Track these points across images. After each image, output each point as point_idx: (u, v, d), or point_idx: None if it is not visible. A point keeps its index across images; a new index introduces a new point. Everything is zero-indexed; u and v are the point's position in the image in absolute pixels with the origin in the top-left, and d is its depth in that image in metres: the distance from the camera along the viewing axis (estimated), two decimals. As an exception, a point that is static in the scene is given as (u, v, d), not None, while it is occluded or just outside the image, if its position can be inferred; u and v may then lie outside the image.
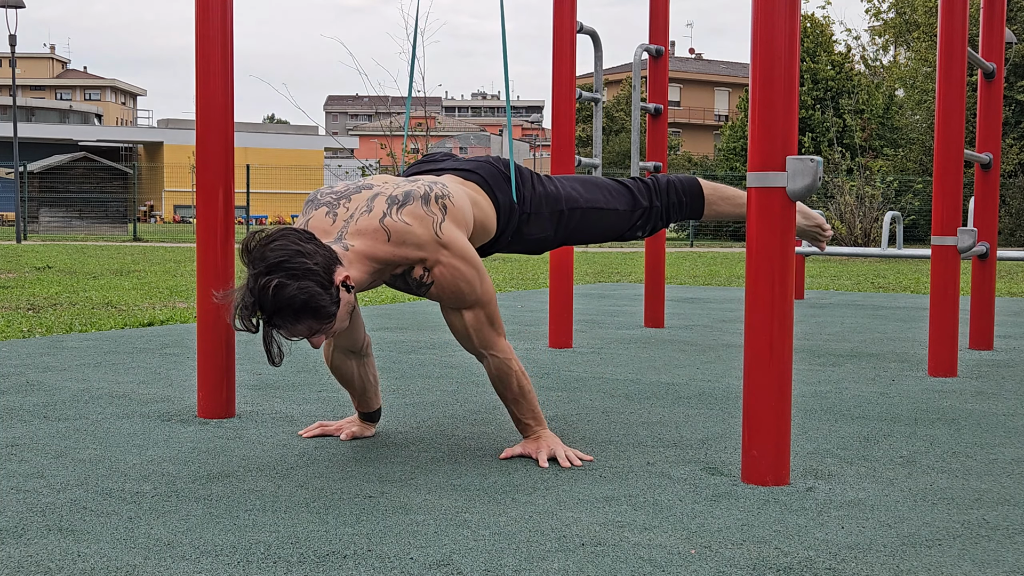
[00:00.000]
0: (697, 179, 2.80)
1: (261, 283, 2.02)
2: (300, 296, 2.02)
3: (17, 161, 22.07)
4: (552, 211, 2.60)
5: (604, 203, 2.67)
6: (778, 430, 2.20)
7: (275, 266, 2.02)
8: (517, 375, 2.41)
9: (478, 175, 2.54)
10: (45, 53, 77.89)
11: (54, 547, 1.78)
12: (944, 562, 1.73)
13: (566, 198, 2.62)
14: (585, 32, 4.74)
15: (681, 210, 2.75)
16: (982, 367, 4.07)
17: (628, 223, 2.70)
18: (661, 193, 2.73)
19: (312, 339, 2.12)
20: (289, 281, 2.01)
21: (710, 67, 55.92)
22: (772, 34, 2.16)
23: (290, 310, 2.03)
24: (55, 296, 7.26)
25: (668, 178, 2.77)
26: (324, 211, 2.32)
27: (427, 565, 1.70)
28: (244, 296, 2.04)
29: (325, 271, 2.07)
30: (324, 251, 2.11)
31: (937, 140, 3.90)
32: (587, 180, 2.72)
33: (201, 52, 2.91)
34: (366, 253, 2.21)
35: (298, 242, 2.07)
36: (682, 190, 2.75)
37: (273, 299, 2.01)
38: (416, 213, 2.25)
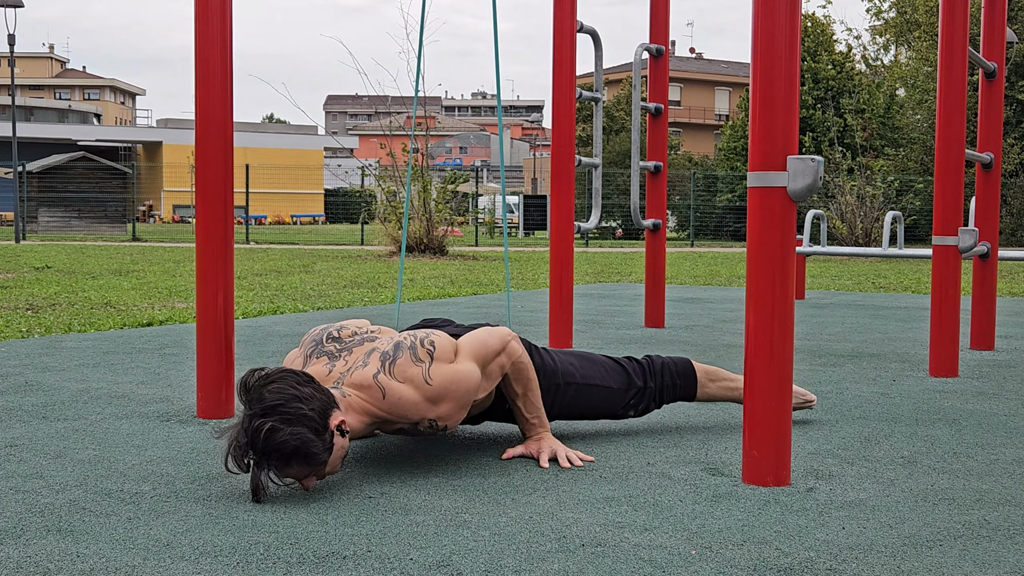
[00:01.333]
0: (691, 362, 2.82)
1: (255, 425, 2.01)
2: (292, 442, 2.01)
3: (16, 161, 22.07)
4: (548, 384, 2.60)
5: (599, 380, 2.68)
6: (778, 430, 2.20)
7: (271, 409, 2.02)
8: (527, 367, 2.43)
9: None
10: (44, 53, 77.91)
11: (53, 548, 1.78)
12: (945, 562, 1.73)
13: (563, 372, 2.63)
14: (585, 31, 4.73)
15: (675, 391, 2.77)
16: (983, 367, 4.06)
17: (622, 402, 2.71)
18: (656, 374, 2.76)
19: (302, 483, 2.11)
20: (283, 426, 2.01)
21: (710, 67, 55.94)
22: (773, 34, 2.16)
23: (281, 454, 2.02)
24: (54, 296, 7.26)
25: (663, 360, 2.80)
26: (325, 361, 2.34)
27: (427, 566, 1.70)
28: (238, 436, 2.04)
29: (320, 416, 2.07)
30: (321, 395, 2.11)
31: (938, 140, 3.90)
32: (584, 356, 2.74)
33: (200, 52, 2.91)
34: (363, 407, 2.22)
35: (296, 386, 2.07)
36: (676, 372, 2.78)
37: (264, 442, 2.00)
38: (407, 372, 2.22)
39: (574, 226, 4.68)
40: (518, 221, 30.49)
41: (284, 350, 4.30)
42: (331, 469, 2.14)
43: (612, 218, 28.10)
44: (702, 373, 2.80)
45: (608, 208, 27.40)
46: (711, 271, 11.96)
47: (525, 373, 2.43)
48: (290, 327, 5.25)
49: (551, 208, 4.63)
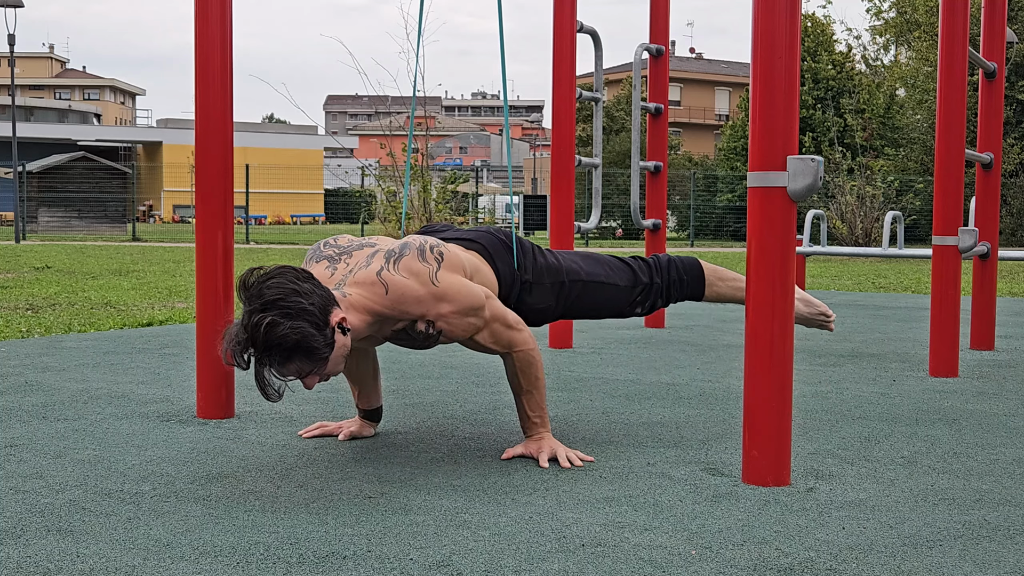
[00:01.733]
0: (698, 260, 2.80)
1: (254, 320, 2.00)
2: (292, 336, 2.00)
3: (16, 161, 22.07)
4: (553, 282, 2.60)
5: (605, 277, 2.68)
6: (778, 430, 2.20)
7: (270, 304, 2.01)
8: (538, 364, 2.43)
9: (479, 244, 2.54)
10: (44, 53, 77.91)
11: (53, 548, 1.78)
12: (945, 562, 1.73)
13: (567, 270, 2.63)
14: (585, 31, 4.73)
15: (682, 288, 2.75)
16: (983, 367, 4.06)
17: (628, 299, 2.70)
18: (662, 271, 2.74)
19: (304, 380, 2.10)
20: (282, 320, 2.00)
21: (710, 67, 55.93)
22: (772, 34, 2.16)
23: (281, 349, 2.01)
24: (54, 296, 7.26)
25: (669, 257, 2.79)
26: (325, 264, 2.34)
27: (427, 566, 1.70)
28: (238, 332, 2.02)
29: (321, 312, 2.06)
30: (321, 291, 2.09)
31: (938, 140, 3.90)
32: (588, 255, 2.73)
33: (200, 52, 2.91)
34: (364, 304, 2.21)
35: (295, 281, 2.06)
36: (683, 269, 2.76)
37: (265, 337, 1.99)
38: (412, 267, 2.24)
39: (574, 226, 4.68)
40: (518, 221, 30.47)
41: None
42: (332, 369, 2.12)
43: (612, 218, 28.10)
44: (710, 272, 2.78)
45: (608, 208, 27.40)
46: (711, 271, 11.96)
47: (533, 370, 2.42)
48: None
49: (551, 208, 4.63)
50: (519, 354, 2.40)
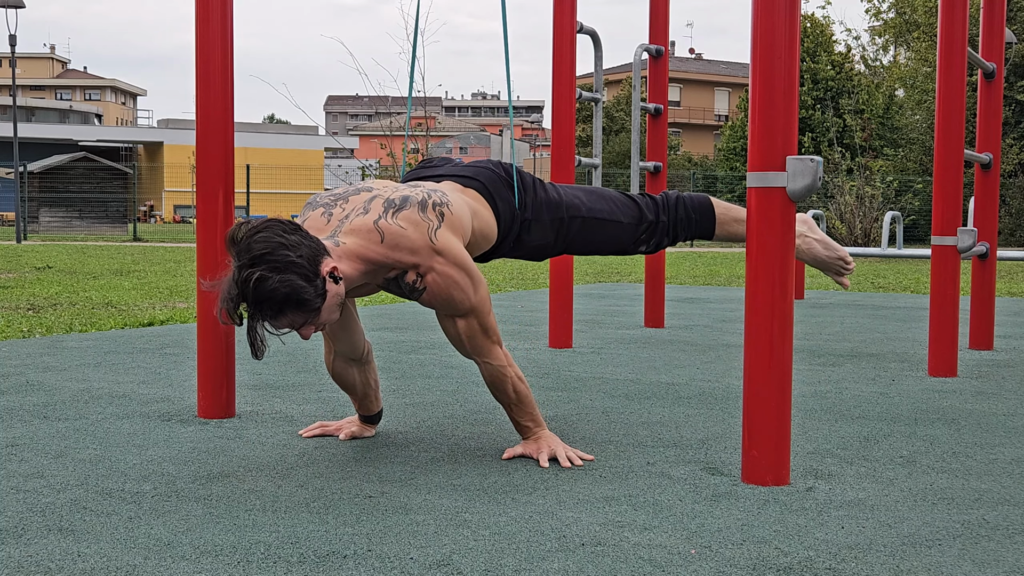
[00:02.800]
0: (709, 197, 2.75)
1: (244, 275, 2.00)
2: (282, 289, 2.00)
3: (17, 161, 22.08)
4: (553, 218, 2.58)
5: (607, 214, 2.63)
6: (778, 430, 2.20)
7: (258, 258, 2.01)
8: (512, 381, 2.41)
9: (478, 182, 2.52)
10: (45, 53, 77.90)
11: (54, 547, 1.78)
12: (944, 562, 1.73)
13: (568, 205, 2.60)
14: (585, 32, 4.74)
15: (690, 227, 2.70)
16: (982, 367, 4.07)
17: (632, 236, 2.66)
18: (669, 208, 2.69)
19: (300, 331, 2.10)
20: (271, 274, 2.00)
21: (710, 67, 55.93)
22: (772, 34, 2.16)
23: (272, 303, 2.02)
24: (55, 296, 7.26)
25: (678, 194, 2.73)
26: (320, 211, 2.33)
27: (427, 565, 1.70)
28: (229, 288, 2.03)
29: (310, 263, 2.05)
30: (309, 242, 2.08)
31: (937, 140, 3.90)
32: (592, 191, 2.69)
33: (201, 53, 2.91)
34: (357, 252, 2.20)
35: (282, 234, 2.05)
36: (692, 207, 2.70)
37: (255, 292, 2.00)
38: (412, 218, 2.24)
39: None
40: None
41: (284, 350, 4.31)
42: (327, 317, 2.12)
43: (612, 218, 28.06)
44: (722, 209, 2.71)
45: (608, 208, 27.37)
46: (711, 271, 11.97)
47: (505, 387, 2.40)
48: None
49: (551, 208, 4.63)
50: (487, 366, 2.39)
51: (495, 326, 2.38)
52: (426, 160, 2.67)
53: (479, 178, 2.52)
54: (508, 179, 2.56)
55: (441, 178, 2.55)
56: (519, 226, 2.56)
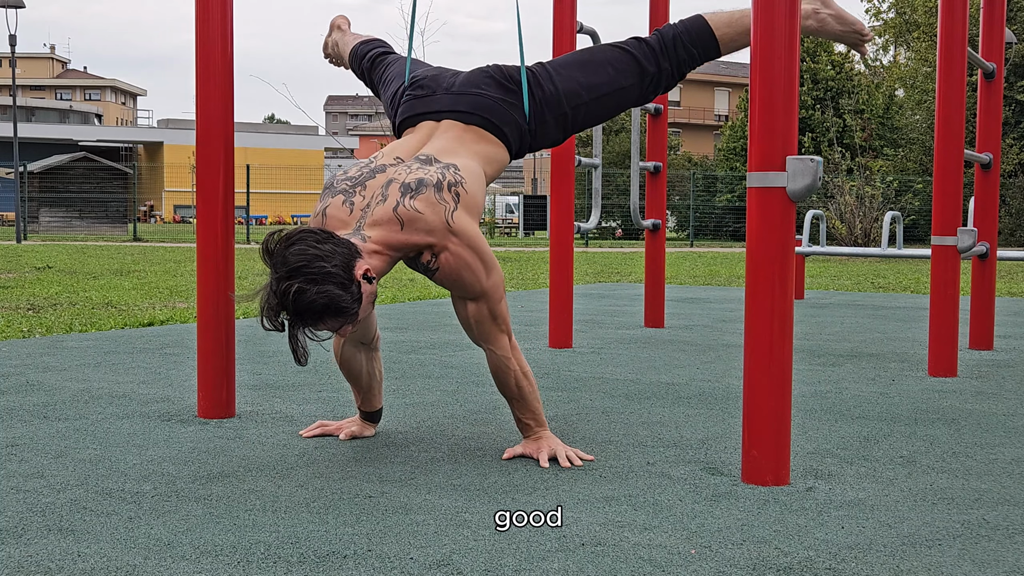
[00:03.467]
0: (703, 19, 2.62)
1: (283, 288, 2.06)
2: (320, 300, 2.06)
3: (17, 161, 22.08)
4: (556, 115, 2.55)
5: (608, 86, 2.57)
6: (778, 430, 2.20)
7: (295, 271, 2.06)
8: (516, 375, 2.42)
9: (478, 116, 2.49)
10: (45, 53, 77.89)
11: (54, 547, 1.78)
12: (944, 562, 1.73)
13: (567, 95, 2.55)
14: (585, 32, 4.74)
15: (693, 62, 2.62)
16: (982, 367, 4.07)
17: (638, 95, 2.62)
18: (668, 52, 2.59)
19: (338, 332, 2.17)
20: (308, 286, 2.05)
21: (710, 67, 55.88)
22: (772, 34, 2.16)
23: (311, 313, 2.08)
24: (55, 296, 7.26)
25: (675, 32, 2.62)
26: (341, 200, 2.34)
27: (427, 565, 1.70)
28: (268, 298, 2.10)
29: (345, 270, 2.10)
30: (342, 249, 2.13)
31: (937, 140, 3.90)
32: (587, 61, 2.60)
33: (201, 53, 2.91)
34: (383, 242, 2.25)
35: (315, 244, 2.10)
36: (690, 41, 2.60)
37: (295, 304, 2.06)
38: (429, 200, 2.27)
39: (574, 226, 4.68)
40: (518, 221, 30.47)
41: (285, 350, 4.31)
42: (362, 315, 2.18)
43: (612, 218, 28.11)
44: (719, 25, 2.61)
45: (608, 208, 27.40)
46: (711, 271, 11.97)
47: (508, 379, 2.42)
48: (290, 327, 5.24)
49: (551, 208, 4.64)
50: (491, 355, 2.41)
51: (505, 316, 2.40)
52: (417, 84, 2.60)
53: (478, 111, 2.50)
54: (507, 97, 2.52)
55: (440, 115, 2.52)
56: (528, 136, 2.55)
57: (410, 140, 2.51)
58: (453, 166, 2.37)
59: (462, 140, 2.47)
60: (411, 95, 2.60)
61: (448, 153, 2.42)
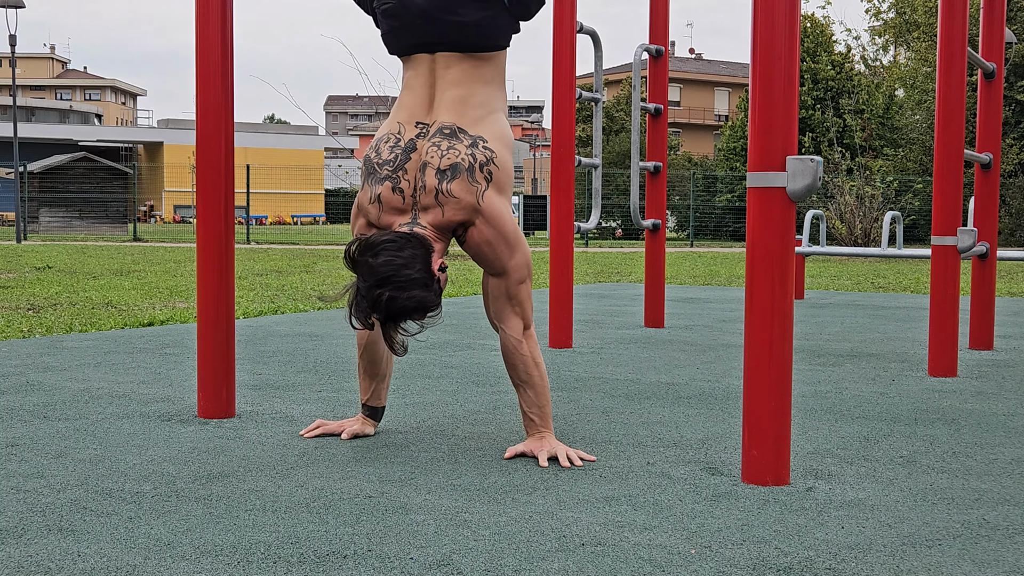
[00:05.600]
0: None
1: (374, 295, 2.24)
2: (410, 304, 2.26)
3: (17, 161, 22.08)
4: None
5: None
6: (778, 430, 2.20)
7: (384, 280, 2.24)
8: (526, 361, 2.48)
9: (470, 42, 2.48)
10: (45, 53, 77.89)
11: (54, 547, 1.78)
12: (944, 562, 1.73)
13: None
14: (585, 32, 4.74)
15: None
16: (982, 367, 4.07)
17: None
18: None
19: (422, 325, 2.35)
20: (398, 293, 2.24)
21: (710, 67, 55.92)
22: (772, 34, 2.16)
23: (403, 315, 2.28)
24: (55, 296, 7.26)
25: None
26: (390, 187, 2.45)
27: (427, 565, 1.70)
28: (359, 302, 2.27)
29: (426, 270, 2.29)
30: (420, 252, 2.30)
31: (937, 140, 3.90)
32: None
33: (201, 53, 2.91)
34: (435, 225, 2.42)
35: (398, 253, 2.27)
36: None
37: (387, 309, 2.25)
38: (463, 185, 2.41)
39: (574, 226, 4.68)
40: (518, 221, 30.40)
41: (285, 350, 4.31)
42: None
43: (612, 218, 28.10)
44: None
45: (608, 208, 27.40)
46: (711, 271, 11.97)
47: (520, 362, 2.48)
48: (291, 327, 5.25)
49: (551, 208, 4.64)
50: (504, 336, 2.50)
51: (523, 300, 2.48)
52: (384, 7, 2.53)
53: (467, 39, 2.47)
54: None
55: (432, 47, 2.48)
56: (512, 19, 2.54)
57: (417, 90, 2.52)
58: (480, 140, 2.45)
59: (466, 78, 2.49)
60: (386, 24, 2.55)
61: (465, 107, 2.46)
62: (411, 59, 2.55)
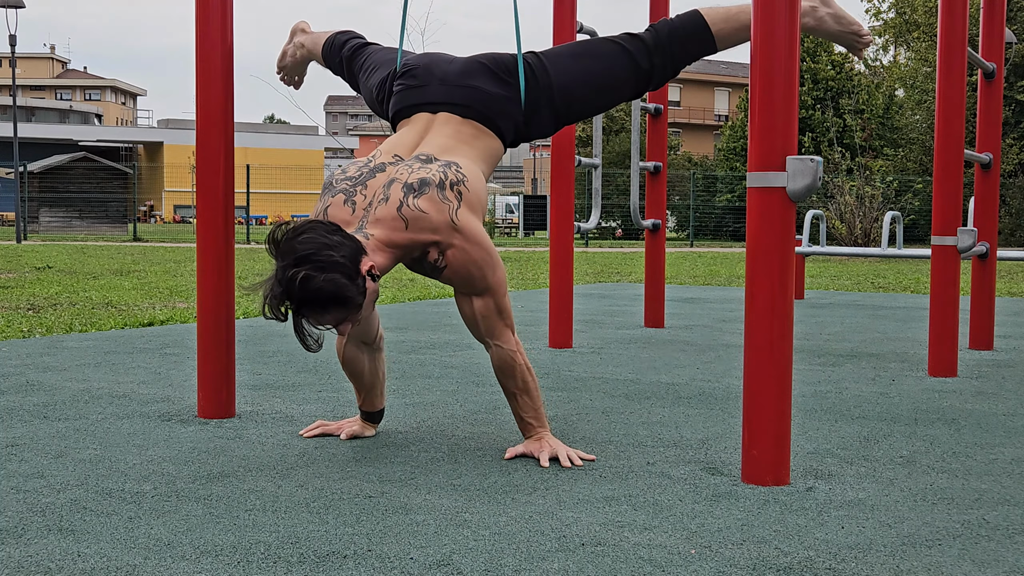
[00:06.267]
0: (699, 14, 2.61)
1: (289, 275, 2.07)
2: (327, 288, 2.07)
3: (17, 161, 22.08)
4: (550, 108, 2.56)
5: (602, 79, 2.58)
6: (778, 430, 2.20)
7: (303, 258, 2.08)
8: (521, 369, 2.44)
9: (474, 110, 2.49)
10: (45, 53, 77.88)
11: (54, 547, 1.78)
12: (944, 562, 1.73)
13: (561, 88, 2.55)
14: (585, 32, 4.73)
15: (689, 57, 2.62)
16: (982, 367, 4.06)
17: (632, 88, 2.62)
18: (662, 48, 2.59)
19: (339, 328, 2.17)
20: (316, 273, 2.07)
21: (710, 67, 55.92)
22: (772, 34, 2.16)
23: (317, 301, 2.09)
24: (55, 296, 7.26)
25: (670, 27, 2.61)
26: (342, 199, 2.36)
27: (427, 565, 1.70)
28: (273, 287, 2.10)
29: (352, 262, 2.12)
30: (350, 242, 2.16)
31: (937, 140, 3.90)
32: (581, 54, 2.60)
33: (201, 53, 2.91)
34: (386, 241, 2.27)
35: (325, 235, 2.12)
36: (685, 37, 2.59)
37: (301, 291, 2.07)
38: (432, 200, 2.29)
39: (574, 226, 4.68)
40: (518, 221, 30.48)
41: (285, 350, 4.31)
42: (365, 313, 2.20)
43: (612, 218, 28.11)
44: (716, 21, 2.60)
45: (608, 208, 27.40)
46: (711, 271, 11.97)
47: (514, 373, 2.44)
48: (291, 327, 5.25)
49: (551, 208, 4.64)
50: (497, 349, 2.43)
51: (510, 310, 2.43)
52: (409, 73, 2.58)
53: (474, 105, 2.50)
54: (502, 90, 2.51)
55: (436, 108, 2.51)
56: (523, 127, 2.57)
57: (407, 134, 2.51)
58: (454, 164, 2.37)
59: (459, 136, 2.48)
60: (403, 84, 2.59)
61: (447, 151, 2.43)
62: (411, 118, 2.55)
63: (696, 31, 2.59)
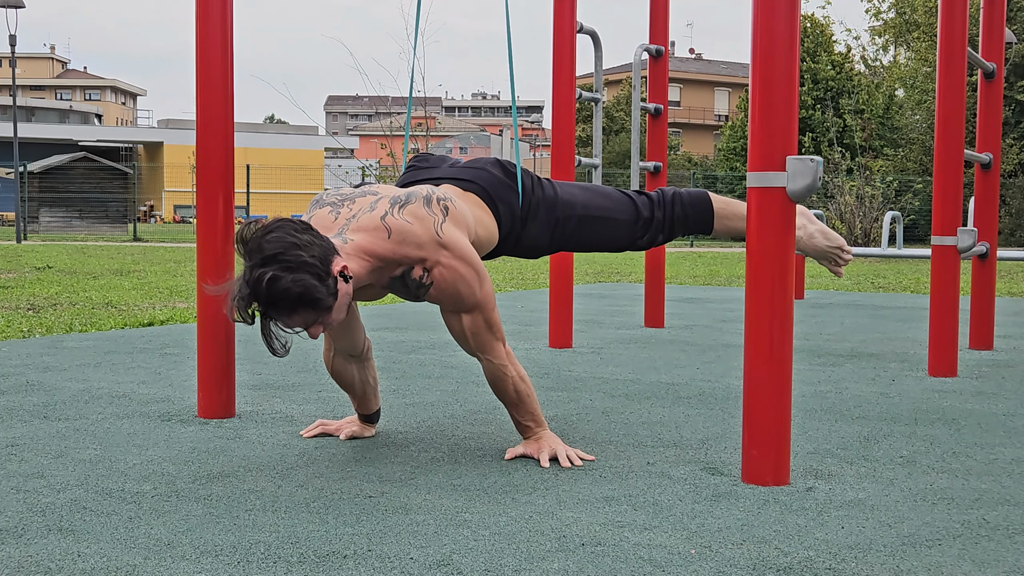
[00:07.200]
0: (707, 193, 2.74)
1: (256, 275, 2.01)
2: (295, 289, 2.01)
3: (17, 161, 22.08)
4: (549, 218, 2.58)
5: (603, 212, 2.64)
6: (778, 430, 2.20)
7: (270, 258, 2.01)
8: (513, 380, 2.41)
9: (477, 185, 2.50)
10: (45, 53, 77.90)
11: (54, 547, 1.78)
12: (944, 562, 1.73)
13: (564, 203, 2.60)
14: (585, 32, 4.74)
15: (687, 224, 2.70)
16: (982, 367, 4.06)
17: (628, 234, 2.67)
18: (665, 205, 2.68)
19: (309, 330, 2.11)
20: (283, 274, 2.00)
21: (710, 67, 55.92)
22: (772, 34, 2.16)
23: (285, 302, 2.02)
24: (55, 296, 7.26)
25: (675, 191, 2.73)
26: (328, 210, 2.33)
27: (427, 565, 1.70)
28: (240, 288, 2.04)
29: (322, 262, 2.06)
30: (321, 242, 2.09)
31: (937, 140, 3.90)
32: (588, 187, 2.69)
33: (201, 53, 2.91)
34: (365, 248, 2.21)
35: (294, 233, 2.05)
36: (688, 203, 2.70)
37: (267, 291, 2.00)
38: (417, 212, 2.26)
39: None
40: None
41: (285, 342, 4.30)
42: (337, 317, 2.13)
43: (612, 218, 28.06)
44: (721, 204, 2.71)
45: (608, 208, 27.37)
46: (711, 271, 11.97)
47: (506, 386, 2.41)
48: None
49: (551, 208, 4.63)
50: (488, 364, 2.39)
51: (499, 323, 2.39)
52: (421, 157, 2.64)
53: (478, 181, 2.51)
54: (507, 179, 2.55)
55: (439, 181, 2.54)
56: (519, 225, 2.56)
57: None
58: (446, 195, 2.36)
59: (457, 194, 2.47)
60: (414, 166, 2.63)
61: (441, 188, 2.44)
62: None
63: (698, 202, 2.71)
